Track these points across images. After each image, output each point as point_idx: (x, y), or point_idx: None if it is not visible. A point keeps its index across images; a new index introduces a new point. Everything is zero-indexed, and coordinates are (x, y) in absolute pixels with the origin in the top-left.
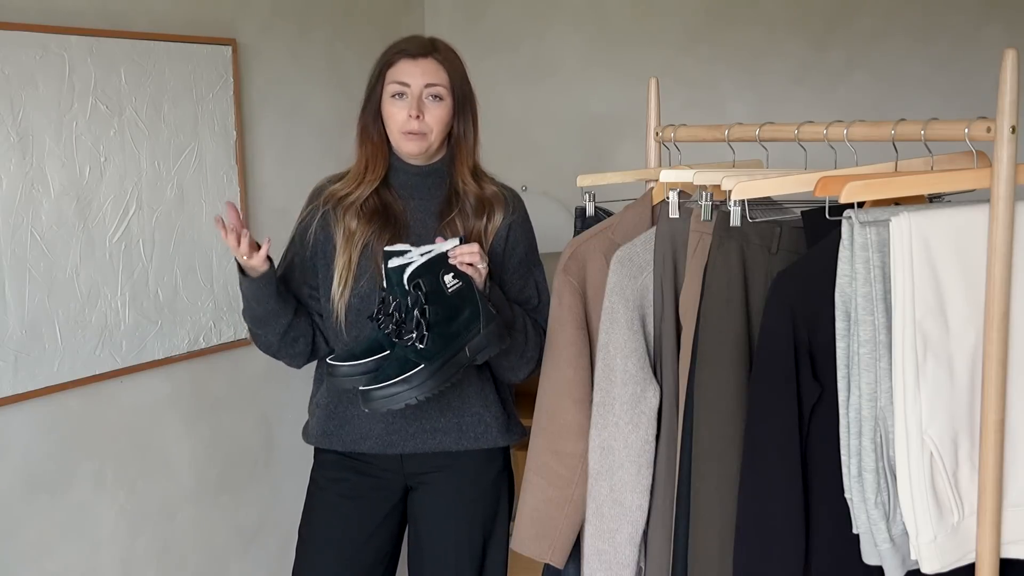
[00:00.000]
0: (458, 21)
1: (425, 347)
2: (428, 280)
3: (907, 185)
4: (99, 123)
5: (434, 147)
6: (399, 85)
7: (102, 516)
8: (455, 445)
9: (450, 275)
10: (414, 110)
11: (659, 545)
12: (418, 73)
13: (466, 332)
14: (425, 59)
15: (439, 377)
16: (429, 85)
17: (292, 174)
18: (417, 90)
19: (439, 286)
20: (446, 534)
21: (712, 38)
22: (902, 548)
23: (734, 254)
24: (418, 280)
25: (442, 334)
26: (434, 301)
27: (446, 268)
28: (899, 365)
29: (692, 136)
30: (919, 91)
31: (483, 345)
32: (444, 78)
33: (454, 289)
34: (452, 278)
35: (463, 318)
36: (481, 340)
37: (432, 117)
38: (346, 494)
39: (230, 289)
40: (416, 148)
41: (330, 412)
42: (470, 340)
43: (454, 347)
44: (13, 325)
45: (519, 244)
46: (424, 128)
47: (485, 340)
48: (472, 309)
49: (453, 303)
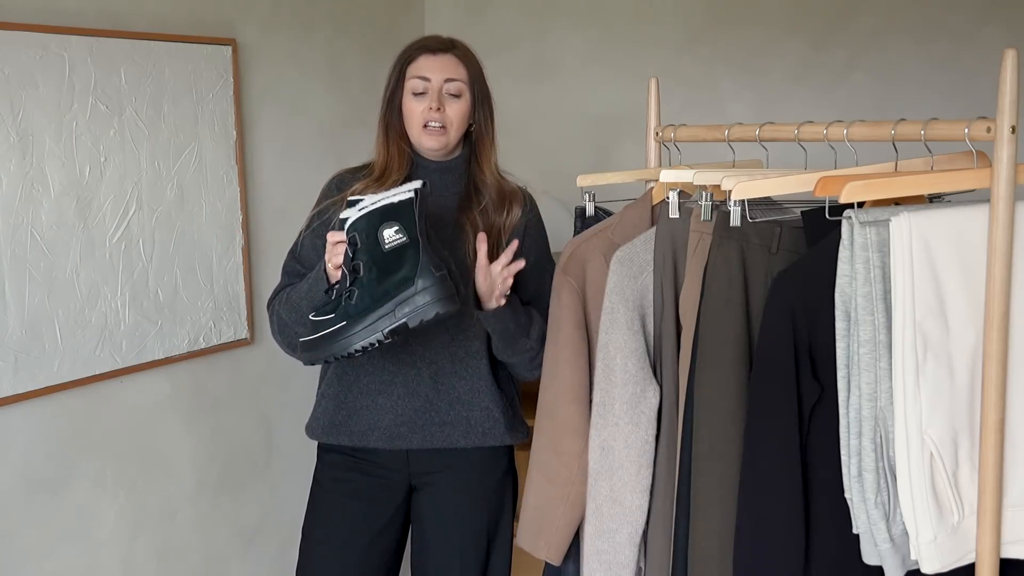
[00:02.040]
0: (458, 21)
1: (353, 304)
2: (365, 233)
3: (907, 185)
4: (99, 123)
5: (452, 142)
6: (420, 81)
7: (102, 516)
8: (462, 440)
9: (392, 230)
10: (435, 103)
11: (659, 545)
12: (438, 68)
13: (397, 292)
14: (445, 54)
15: (360, 336)
16: (449, 80)
17: (292, 174)
18: (437, 85)
19: (375, 241)
20: (450, 534)
21: (712, 38)
22: (902, 548)
23: (734, 254)
24: (355, 233)
25: (371, 293)
26: (368, 256)
27: (389, 223)
28: (899, 365)
29: (692, 136)
30: (919, 91)
31: (417, 306)
32: (464, 74)
33: (393, 244)
34: (395, 232)
35: (397, 277)
36: (414, 301)
37: (452, 111)
38: (351, 495)
39: (230, 289)
40: (437, 143)
41: (339, 402)
42: (402, 301)
43: (380, 307)
44: (13, 325)
45: (534, 245)
46: (444, 121)
47: (419, 301)
48: (411, 268)
49: (390, 259)
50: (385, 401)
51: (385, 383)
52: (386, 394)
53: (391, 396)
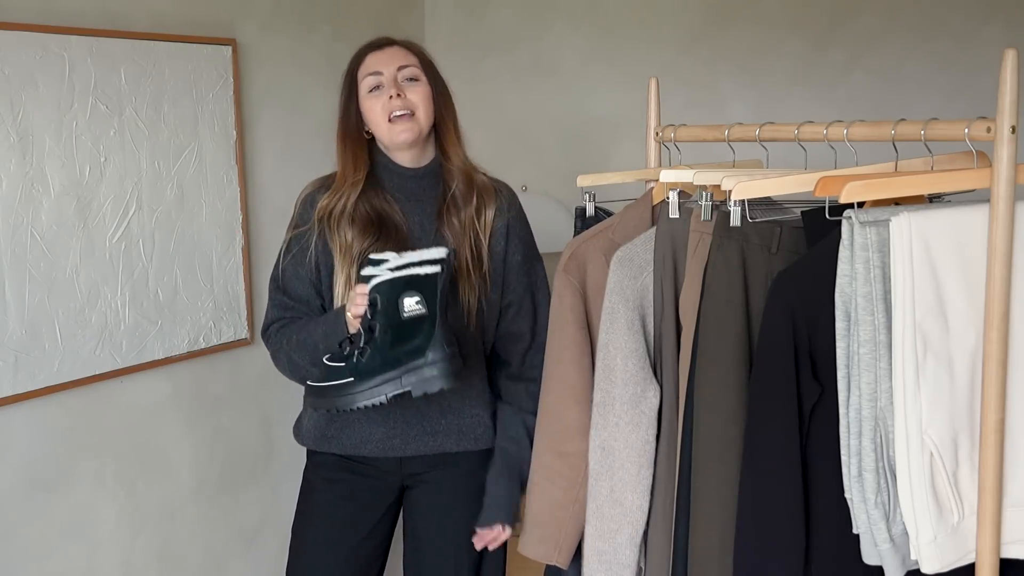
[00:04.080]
0: (458, 21)
1: (364, 361)
2: (386, 297)
3: (907, 185)
4: (99, 123)
5: (424, 127)
6: (372, 77)
7: (102, 516)
8: (455, 447)
9: (414, 300)
10: (393, 90)
11: (659, 545)
12: (386, 59)
13: (407, 360)
14: (390, 47)
15: (365, 396)
16: (402, 67)
17: (292, 174)
18: (391, 74)
19: (396, 307)
20: (444, 532)
21: (712, 38)
22: (902, 548)
23: (734, 254)
24: (376, 295)
25: (382, 355)
26: (385, 320)
27: (411, 292)
28: (899, 365)
29: (692, 136)
30: (919, 91)
31: (423, 379)
32: (414, 59)
33: (412, 315)
34: (416, 303)
35: (410, 346)
36: (422, 373)
37: (414, 94)
38: (343, 495)
39: (230, 289)
40: (409, 132)
41: (331, 417)
42: (410, 370)
43: (389, 371)
44: (13, 325)
45: (520, 244)
46: (408, 106)
47: (426, 374)
48: (424, 340)
49: (406, 328)
50: (377, 413)
51: None
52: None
53: (382, 409)
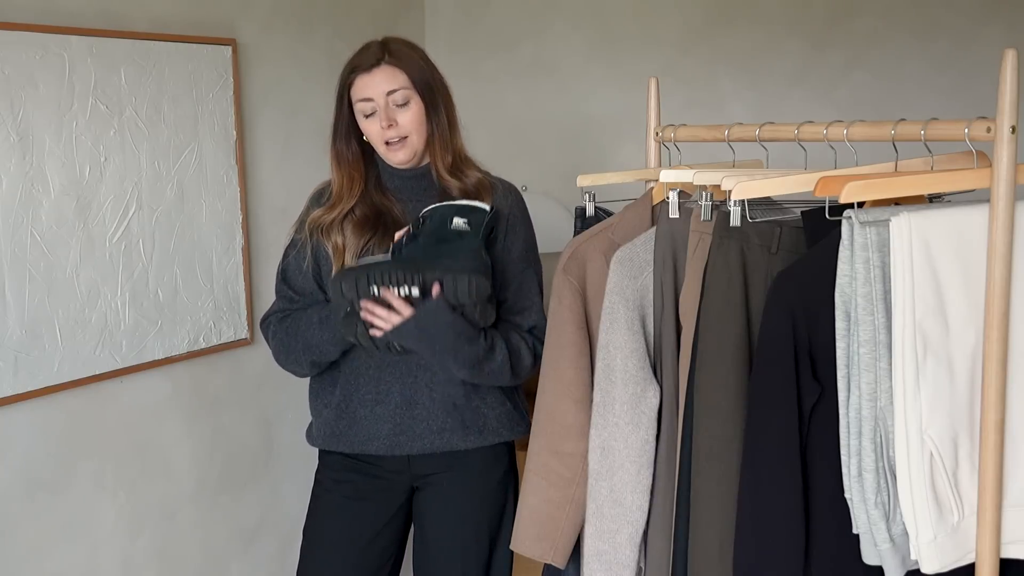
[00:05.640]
0: (458, 21)
1: (403, 251)
2: (439, 215)
3: (907, 185)
4: (99, 123)
5: (419, 148)
6: (365, 103)
7: (102, 516)
8: (461, 443)
9: (462, 220)
10: (384, 120)
11: (659, 545)
12: (374, 85)
13: (444, 258)
14: (378, 68)
15: (398, 271)
16: (390, 92)
17: (292, 174)
18: (382, 102)
19: (444, 224)
20: (452, 534)
21: (712, 38)
22: (902, 548)
23: (734, 254)
24: (428, 215)
25: (421, 247)
26: (431, 230)
27: (462, 214)
28: (899, 365)
29: (692, 136)
30: (919, 91)
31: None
32: (403, 79)
33: (457, 228)
34: (463, 223)
35: (451, 248)
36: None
37: (404, 120)
38: (352, 495)
39: (230, 289)
40: (404, 155)
41: (340, 412)
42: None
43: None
44: (13, 325)
45: (517, 239)
46: (401, 133)
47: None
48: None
49: (450, 235)
50: (383, 411)
51: (382, 393)
52: (384, 403)
53: (388, 405)
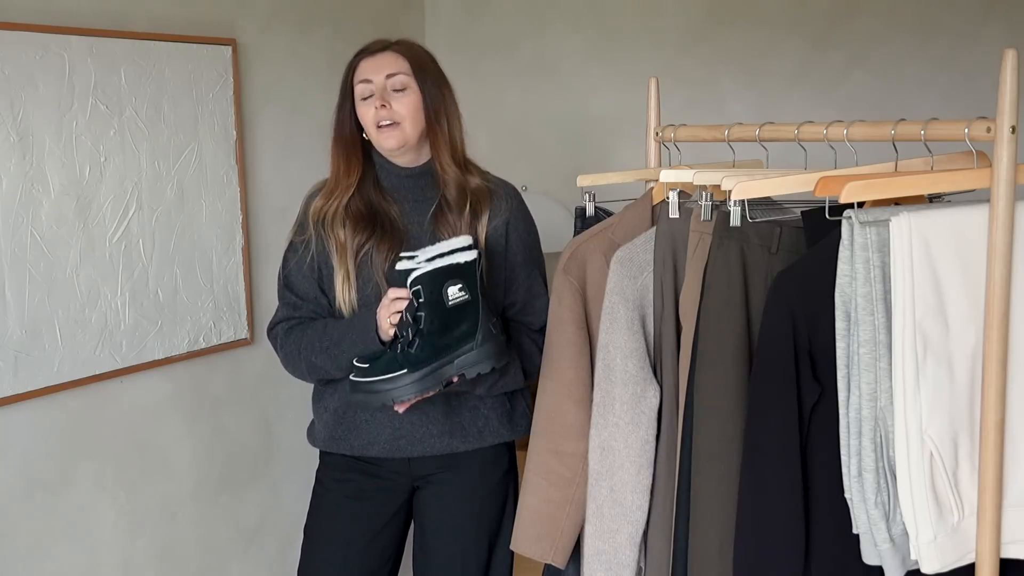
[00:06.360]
0: (458, 21)
1: (413, 352)
2: (430, 289)
3: (907, 185)
4: (99, 123)
5: (411, 137)
6: (364, 85)
7: (102, 516)
8: (462, 445)
9: (457, 287)
10: (379, 101)
11: (659, 545)
12: (377, 67)
13: (458, 346)
14: (383, 53)
15: (419, 385)
16: (390, 76)
17: (292, 174)
18: (380, 83)
19: (440, 297)
20: (452, 533)
21: (712, 38)
22: (902, 548)
23: (734, 254)
24: (419, 287)
25: (432, 343)
26: (431, 310)
27: (454, 280)
28: (899, 365)
29: (692, 136)
30: (919, 91)
31: (474, 361)
32: (404, 66)
33: (456, 302)
34: (459, 290)
35: (459, 332)
36: (472, 356)
37: (399, 105)
38: (352, 495)
39: (230, 289)
40: (393, 140)
41: (339, 417)
42: (461, 354)
43: (441, 358)
44: (13, 325)
45: (520, 244)
46: (394, 117)
47: (477, 357)
48: (471, 325)
49: (452, 315)
50: (383, 416)
51: None
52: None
53: (388, 409)
